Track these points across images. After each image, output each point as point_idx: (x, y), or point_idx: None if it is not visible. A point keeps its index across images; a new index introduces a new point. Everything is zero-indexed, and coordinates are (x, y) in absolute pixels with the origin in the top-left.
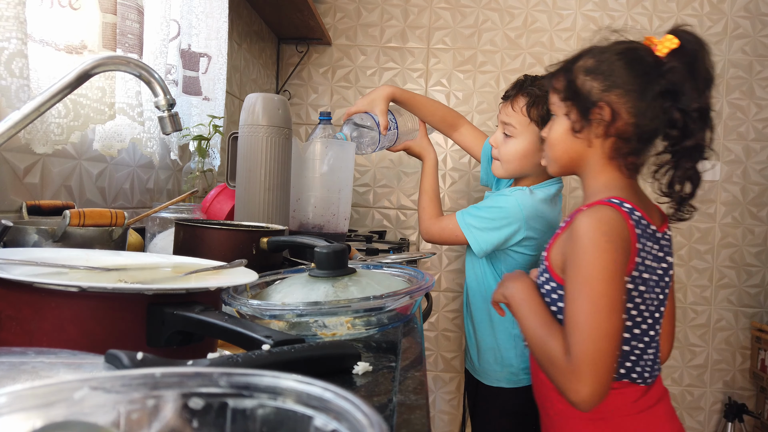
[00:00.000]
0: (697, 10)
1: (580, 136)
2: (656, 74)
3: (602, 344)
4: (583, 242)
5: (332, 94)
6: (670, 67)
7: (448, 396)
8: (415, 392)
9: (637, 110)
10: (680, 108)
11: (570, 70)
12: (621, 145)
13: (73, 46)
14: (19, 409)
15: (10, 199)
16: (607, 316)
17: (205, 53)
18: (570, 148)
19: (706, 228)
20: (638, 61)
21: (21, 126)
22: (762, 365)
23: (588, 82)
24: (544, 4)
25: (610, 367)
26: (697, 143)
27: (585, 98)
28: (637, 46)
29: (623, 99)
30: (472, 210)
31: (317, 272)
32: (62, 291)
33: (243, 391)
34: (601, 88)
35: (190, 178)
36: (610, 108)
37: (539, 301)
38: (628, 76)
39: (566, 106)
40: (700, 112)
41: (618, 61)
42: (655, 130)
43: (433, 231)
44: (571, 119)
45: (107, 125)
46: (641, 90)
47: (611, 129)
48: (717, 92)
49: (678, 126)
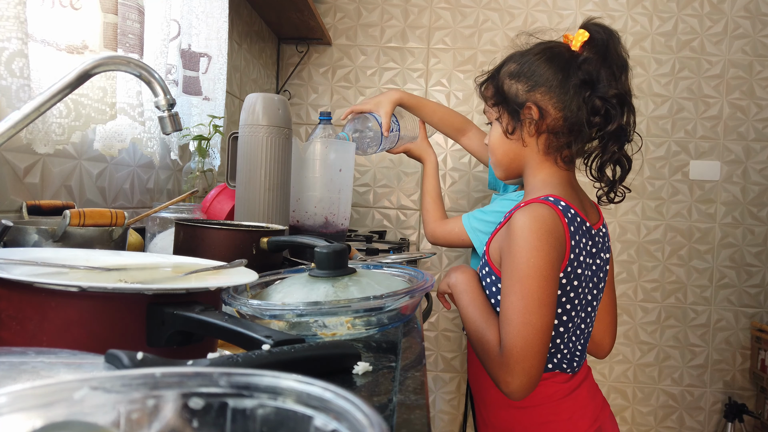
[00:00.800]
0: (697, 10)
1: (513, 137)
2: (573, 67)
3: (532, 339)
4: (518, 240)
5: (332, 94)
6: (584, 59)
7: (448, 396)
8: (415, 392)
9: (563, 104)
10: (599, 95)
11: (496, 77)
12: (553, 139)
13: (75, 46)
14: (19, 409)
15: (10, 199)
16: (537, 312)
17: (205, 53)
18: (509, 150)
19: (706, 228)
20: (556, 57)
21: (21, 126)
22: (762, 365)
23: (513, 85)
24: (545, 5)
25: (539, 360)
26: (620, 127)
27: (512, 101)
28: (553, 45)
29: (547, 96)
30: (478, 214)
31: (317, 272)
32: (62, 291)
33: (243, 391)
34: (525, 89)
35: (190, 178)
36: (536, 107)
37: (479, 293)
38: (548, 74)
39: (497, 111)
40: (618, 97)
41: (537, 61)
42: (582, 120)
43: (438, 234)
44: (503, 123)
45: (108, 125)
46: (562, 84)
47: (542, 126)
48: (717, 92)
49: (600, 113)
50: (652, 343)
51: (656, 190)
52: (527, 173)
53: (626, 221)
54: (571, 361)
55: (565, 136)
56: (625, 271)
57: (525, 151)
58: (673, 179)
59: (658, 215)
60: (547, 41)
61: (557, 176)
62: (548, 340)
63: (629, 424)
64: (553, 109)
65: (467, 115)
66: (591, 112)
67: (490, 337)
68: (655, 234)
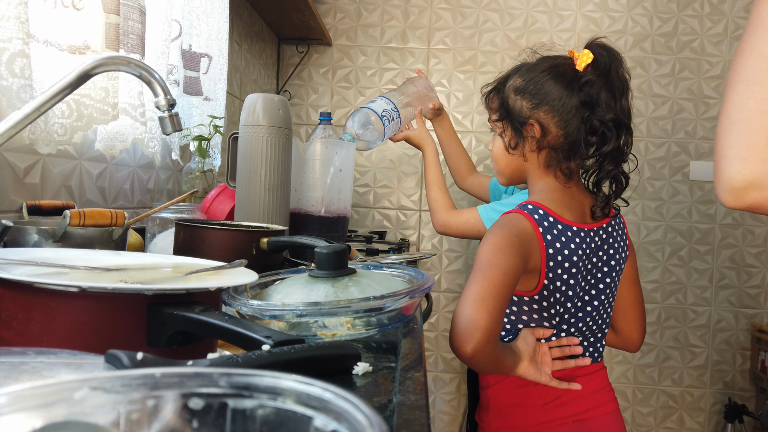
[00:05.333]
0: (697, 10)
1: (515, 152)
2: (576, 87)
3: (476, 308)
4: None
5: (332, 95)
6: (587, 81)
7: (448, 396)
8: (415, 393)
9: (564, 122)
10: (597, 118)
11: (501, 90)
12: (553, 155)
13: (77, 46)
14: (19, 409)
15: (10, 199)
16: (486, 286)
17: (206, 53)
18: (510, 161)
19: (706, 229)
20: (561, 76)
21: (22, 126)
22: (762, 366)
23: (518, 101)
24: (545, 5)
25: (485, 328)
26: (616, 148)
27: (516, 117)
28: (559, 63)
29: (550, 114)
30: (497, 206)
31: (317, 272)
32: (62, 291)
33: (243, 392)
34: (530, 106)
35: (191, 178)
36: (539, 124)
37: None
38: (553, 93)
39: (501, 126)
40: (615, 121)
41: (543, 79)
42: (580, 139)
43: (451, 223)
44: (506, 138)
45: (110, 125)
46: (565, 104)
47: (543, 142)
48: (717, 93)
49: (597, 134)
50: (652, 343)
51: (656, 191)
52: (529, 182)
53: (626, 222)
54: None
55: (565, 152)
56: None
57: (526, 164)
58: (673, 180)
59: (658, 216)
60: (553, 57)
61: (551, 185)
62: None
63: (629, 424)
64: (554, 127)
65: (467, 115)
66: (589, 132)
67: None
68: (655, 234)
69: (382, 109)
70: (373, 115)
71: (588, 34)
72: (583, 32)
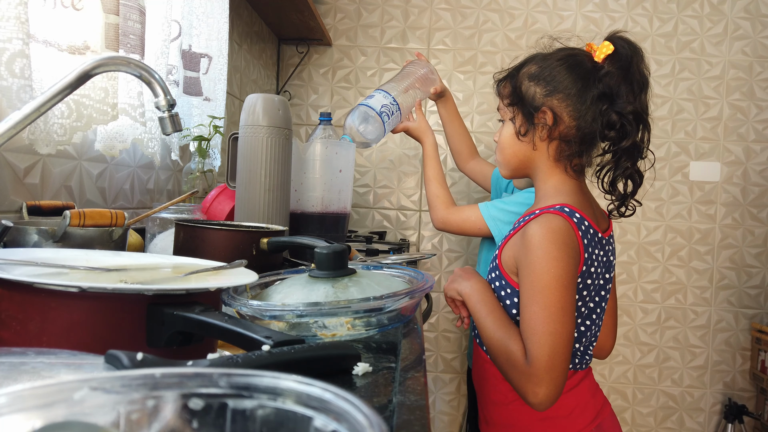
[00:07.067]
0: (697, 11)
1: (525, 139)
2: (594, 79)
3: (557, 348)
4: (536, 251)
5: (332, 95)
6: (606, 72)
7: (447, 397)
8: (414, 393)
9: (578, 113)
10: (616, 111)
11: (515, 76)
12: (564, 147)
13: (76, 46)
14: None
15: (10, 199)
16: (561, 321)
17: (205, 54)
18: (518, 150)
19: (706, 229)
20: (578, 66)
21: (21, 126)
22: (762, 366)
23: (532, 88)
24: (545, 5)
25: (564, 368)
26: (634, 144)
27: (529, 103)
28: (577, 53)
29: (564, 103)
30: (499, 204)
31: (317, 273)
32: (62, 291)
33: (243, 392)
34: (543, 92)
35: (191, 178)
36: (552, 112)
37: (496, 303)
38: (568, 81)
39: (512, 111)
40: (635, 114)
41: (559, 67)
42: (595, 132)
43: (451, 220)
44: (516, 123)
45: (109, 126)
46: (580, 94)
47: (554, 132)
48: (717, 93)
49: (615, 128)
50: (652, 344)
51: (656, 191)
52: (537, 178)
53: (626, 222)
54: (573, 361)
55: (576, 145)
56: (625, 272)
57: (534, 154)
58: (673, 180)
59: (658, 216)
60: (571, 48)
61: (569, 184)
62: (571, 347)
63: (629, 425)
64: (567, 117)
65: (467, 115)
66: (606, 125)
67: (515, 348)
68: (655, 235)
69: (381, 104)
70: (371, 113)
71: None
72: (582, 32)
